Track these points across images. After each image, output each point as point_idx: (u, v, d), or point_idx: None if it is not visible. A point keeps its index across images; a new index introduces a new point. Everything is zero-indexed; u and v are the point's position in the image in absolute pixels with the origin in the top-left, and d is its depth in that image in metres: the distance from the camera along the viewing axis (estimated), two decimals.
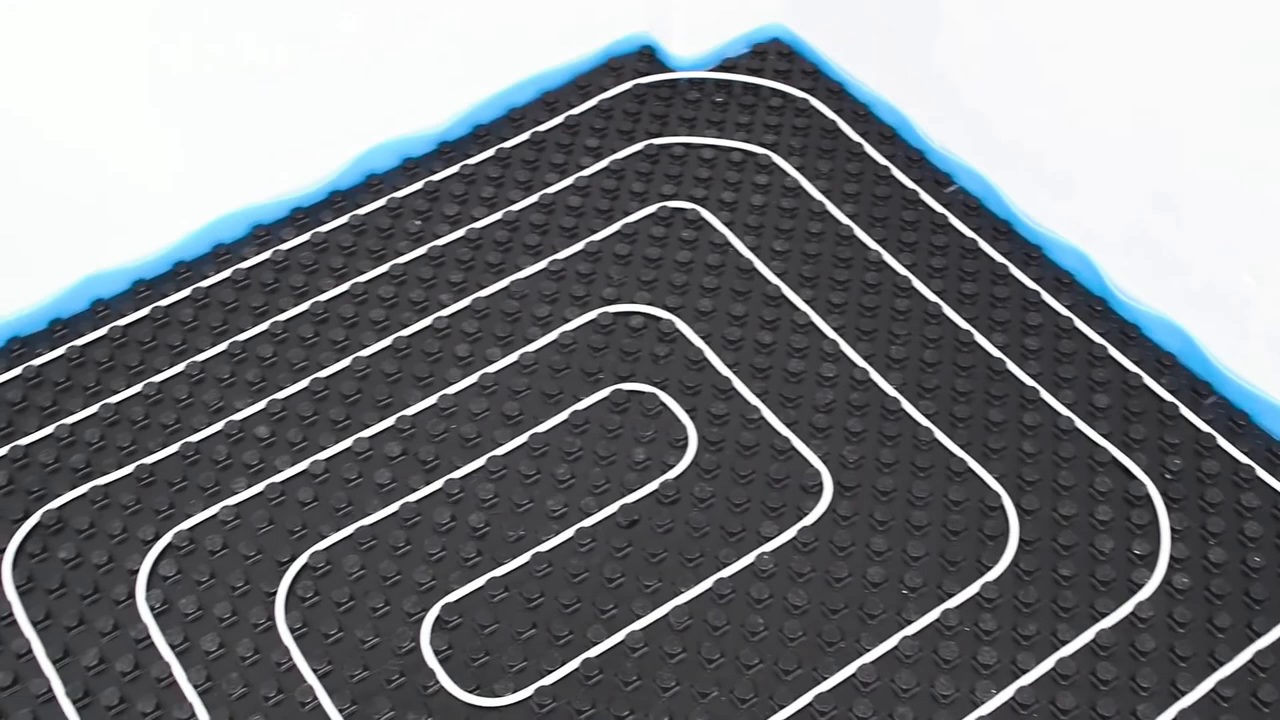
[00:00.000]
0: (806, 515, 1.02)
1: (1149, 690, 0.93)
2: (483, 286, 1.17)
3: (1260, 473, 1.03)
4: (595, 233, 1.20)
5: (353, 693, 0.94)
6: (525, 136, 1.28)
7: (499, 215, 1.22)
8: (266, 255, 1.19)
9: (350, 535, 1.01)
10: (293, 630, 0.97)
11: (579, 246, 1.19)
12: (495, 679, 0.94)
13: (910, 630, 0.96)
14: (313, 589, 0.99)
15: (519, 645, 0.96)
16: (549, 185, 1.24)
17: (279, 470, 1.05)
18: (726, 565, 0.99)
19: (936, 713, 0.92)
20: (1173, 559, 0.99)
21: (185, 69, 1.12)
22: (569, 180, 1.24)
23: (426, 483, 1.04)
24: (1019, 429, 1.06)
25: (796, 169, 1.25)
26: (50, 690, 0.94)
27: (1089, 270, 1.15)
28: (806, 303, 1.14)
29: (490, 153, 1.27)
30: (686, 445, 1.06)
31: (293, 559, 1.00)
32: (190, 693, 0.94)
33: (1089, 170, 1.13)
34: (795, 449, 1.05)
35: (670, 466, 1.05)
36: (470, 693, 0.94)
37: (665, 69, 1.34)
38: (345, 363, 1.12)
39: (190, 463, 1.06)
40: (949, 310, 1.14)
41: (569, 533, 1.01)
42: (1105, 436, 1.05)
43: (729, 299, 1.15)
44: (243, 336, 1.13)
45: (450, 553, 1.00)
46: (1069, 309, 1.13)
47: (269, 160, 1.20)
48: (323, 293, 1.16)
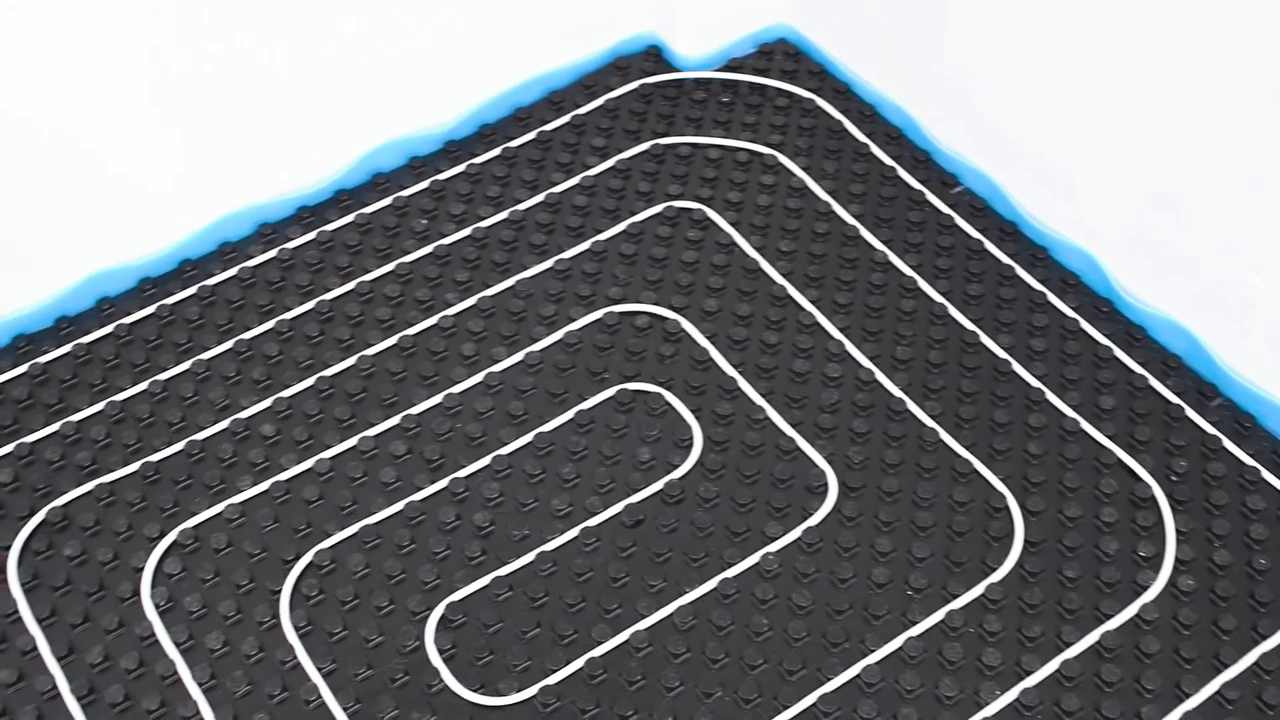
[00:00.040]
0: (811, 516, 1.02)
1: (1154, 692, 0.93)
2: (488, 286, 1.17)
3: (1266, 475, 1.03)
4: (601, 232, 1.20)
5: (357, 691, 0.94)
6: (531, 136, 1.28)
7: (505, 214, 1.22)
8: (272, 254, 1.19)
9: (355, 534, 1.01)
10: (297, 628, 0.97)
11: (585, 246, 1.19)
12: (499, 678, 0.94)
13: (915, 631, 0.96)
14: (317, 587, 0.99)
15: (523, 644, 0.96)
16: (555, 185, 1.24)
17: (284, 468, 1.05)
18: (731, 565, 0.99)
19: (941, 714, 0.92)
20: (1178, 561, 0.99)
21: (191, 67, 1.12)
22: (575, 180, 1.24)
23: (431, 481, 1.04)
24: (1024, 430, 1.06)
25: (802, 169, 1.24)
26: (55, 687, 0.94)
27: (1095, 271, 1.15)
28: (812, 303, 1.14)
29: (496, 152, 1.27)
30: (692, 445, 1.06)
31: (297, 557, 1.00)
32: (195, 690, 0.94)
33: (1095, 171, 1.13)
34: (800, 449, 1.05)
35: (675, 466, 1.05)
36: (474, 692, 0.94)
37: (671, 69, 1.34)
38: (351, 361, 1.12)
39: (196, 460, 1.06)
40: (955, 311, 1.14)
41: (574, 532, 1.01)
42: (1111, 438, 1.05)
43: (735, 299, 1.15)
44: (249, 335, 1.13)
45: (455, 551, 1.00)
46: (1075, 310, 1.13)
47: (275, 159, 1.20)
48: (328, 291, 1.16)
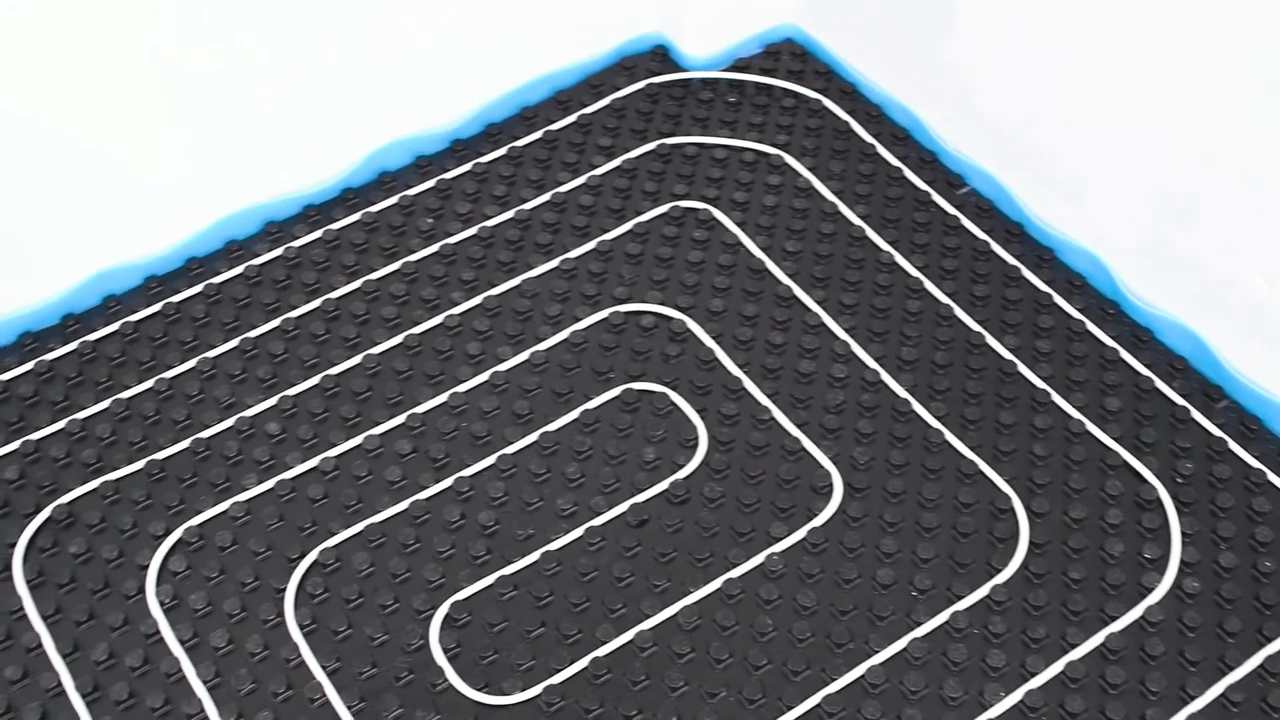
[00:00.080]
0: (816, 516, 1.02)
1: (1158, 694, 0.93)
2: (494, 285, 1.17)
3: (1272, 477, 1.03)
4: (607, 232, 1.20)
5: (361, 690, 0.94)
6: (538, 135, 1.28)
7: (511, 214, 1.22)
8: (279, 252, 1.19)
9: (360, 532, 1.01)
10: (302, 627, 0.97)
11: (591, 245, 1.19)
12: (504, 677, 0.94)
13: (919, 632, 0.96)
14: (322, 586, 0.99)
15: (528, 644, 0.96)
16: (561, 184, 1.24)
17: (289, 467, 1.05)
18: (736, 565, 0.99)
19: (945, 715, 0.92)
20: (1183, 563, 0.98)
21: (198, 65, 1.12)
22: (581, 179, 1.24)
23: (436, 480, 1.04)
24: (1030, 432, 1.06)
25: (809, 169, 1.24)
26: (60, 684, 0.94)
27: (1101, 273, 1.15)
28: (818, 303, 1.14)
29: (503, 151, 1.27)
30: (697, 445, 1.06)
31: (302, 555, 1.00)
32: (199, 688, 0.94)
33: (1102, 173, 1.13)
34: (806, 450, 1.05)
35: (680, 466, 1.05)
36: (479, 691, 0.94)
37: (678, 69, 1.34)
38: (356, 360, 1.12)
39: (201, 458, 1.06)
40: (960, 312, 1.13)
41: (578, 531, 1.01)
42: (1116, 440, 1.05)
43: (740, 299, 1.15)
44: (254, 333, 1.13)
45: (460, 551, 1.00)
46: (1081, 312, 1.13)
47: (281, 157, 1.20)
48: (334, 290, 1.16)
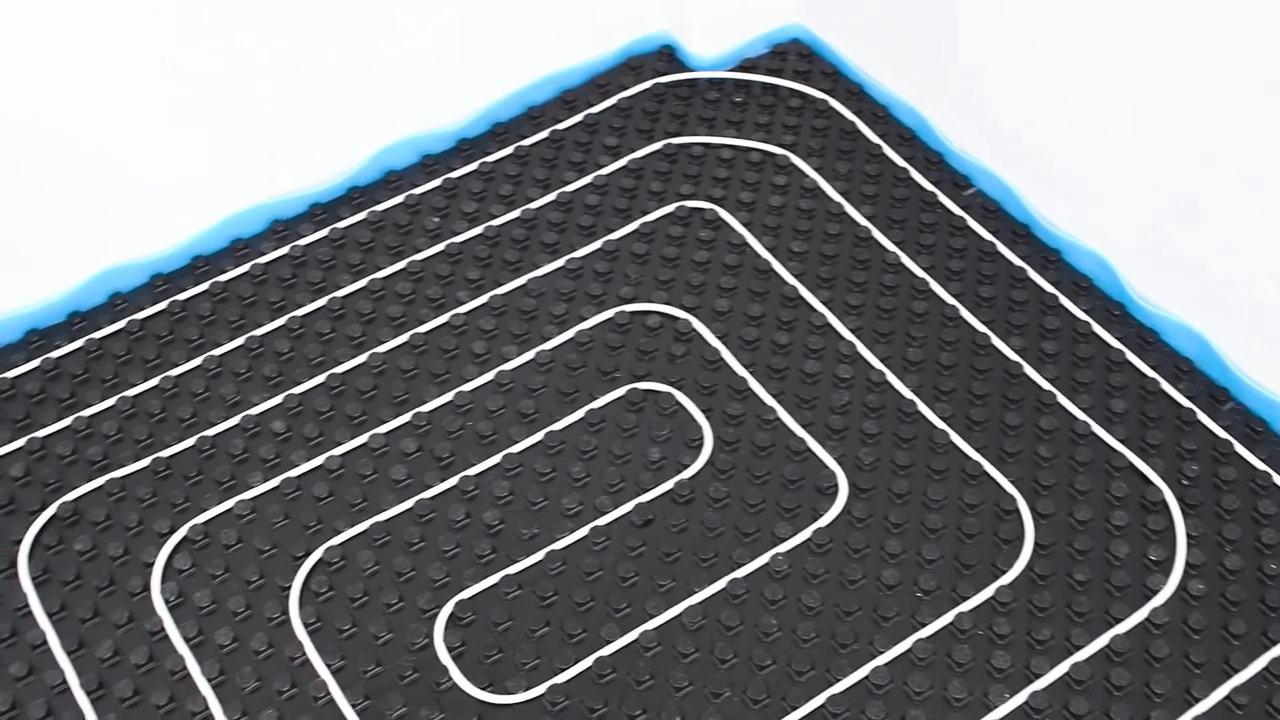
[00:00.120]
0: (821, 516, 1.02)
1: (1163, 696, 0.92)
2: (500, 284, 1.17)
3: (1277, 480, 1.02)
4: (613, 232, 1.20)
5: (365, 688, 0.94)
6: (544, 135, 1.28)
7: (517, 213, 1.22)
8: (285, 250, 1.19)
9: (365, 531, 1.01)
10: (306, 625, 0.97)
11: (597, 245, 1.19)
12: (508, 676, 0.94)
13: (924, 633, 0.96)
14: (327, 584, 0.99)
15: (532, 643, 0.96)
16: (567, 184, 1.24)
17: (295, 465, 1.05)
18: (741, 566, 0.99)
19: (949, 716, 0.92)
20: (1188, 565, 0.98)
21: (205, 64, 1.12)
22: (587, 179, 1.24)
23: (442, 479, 1.04)
24: (1035, 433, 1.06)
25: (815, 170, 1.24)
26: (65, 682, 0.94)
27: (1107, 274, 1.15)
28: (824, 304, 1.14)
29: (509, 151, 1.27)
30: (702, 445, 1.06)
31: (307, 554, 1.00)
32: (204, 686, 0.94)
33: (1108, 174, 1.13)
34: (811, 450, 1.05)
35: (685, 466, 1.05)
36: (483, 690, 0.94)
37: (685, 69, 1.34)
38: (362, 359, 1.12)
39: (206, 457, 1.06)
40: (966, 313, 1.13)
41: (583, 531, 1.01)
42: (1122, 441, 1.05)
43: (746, 299, 1.15)
44: (260, 331, 1.13)
45: (464, 549, 1.00)
46: (1087, 313, 1.13)
47: (288, 156, 1.20)
48: (340, 289, 1.16)
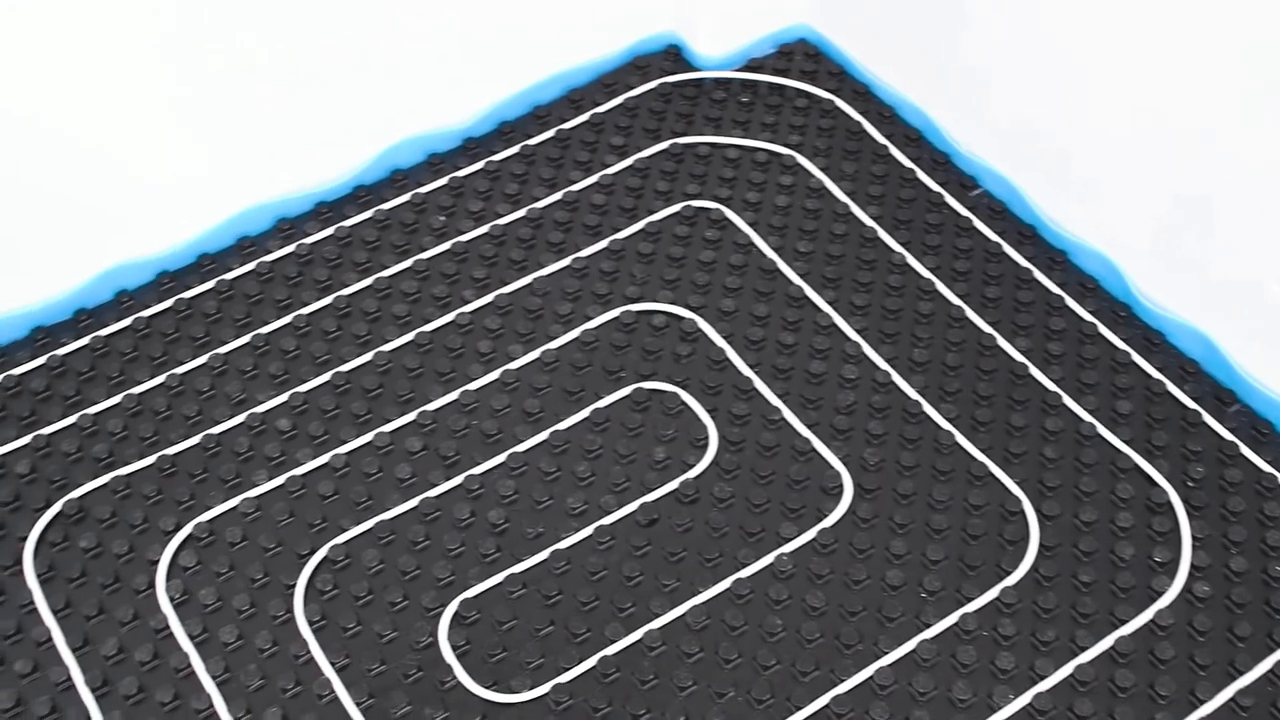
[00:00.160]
0: (826, 517, 1.02)
1: (1168, 698, 0.92)
2: (506, 283, 1.17)
3: None
4: (619, 231, 1.20)
5: (370, 686, 0.94)
6: (550, 134, 1.28)
7: (523, 212, 1.22)
8: (290, 249, 1.19)
9: (370, 529, 1.02)
10: (311, 623, 0.97)
11: (603, 244, 1.19)
12: (512, 675, 0.94)
13: (929, 634, 0.96)
14: (332, 582, 0.99)
15: (536, 642, 0.96)
16: (573, 183, 1.24)
17: (300, 463, 1.05)
18: (745, 566, 0.99)
19: (954, 717, 0.92)
20: (1193, 567, 0.98)
21: (210, 62, 1.12)
22: (593, 178, 1.24)
23: (447, 478, 1.04)
24: (1041, 434, 1.06)
25: (821, 170, 1.24)
26: (69, 678, 0.94)
27: (1113, 276, 1.15)
28: (829, 304, 1.14)
29: (515, 149, 1.27)
30: (707, 445, 1.06)
31: (312, 552, 1.00)
32: (208, 683, 0.94)
33: (1114, 175, 1.12)
34: (816, 450, 1.05)
35: (690, 466, 1.05)
36: (487, 689, 0.94)
37: (691, 68, 1.34)
38: (368, 357, 1.12)
39: (212, 454, 1.06)
40: (972, 314, 1.13)
41: (588, 530, 1.01)
42: (1127, 443, 1.05)
43: (752, 299, 1.15)
44: (266, 329, 1.14)
45: (469, 549, 1.01)
46: (1093, 314, 1.13)
47: (294, 154, 1.20)
48: (346, 287, 1.17)
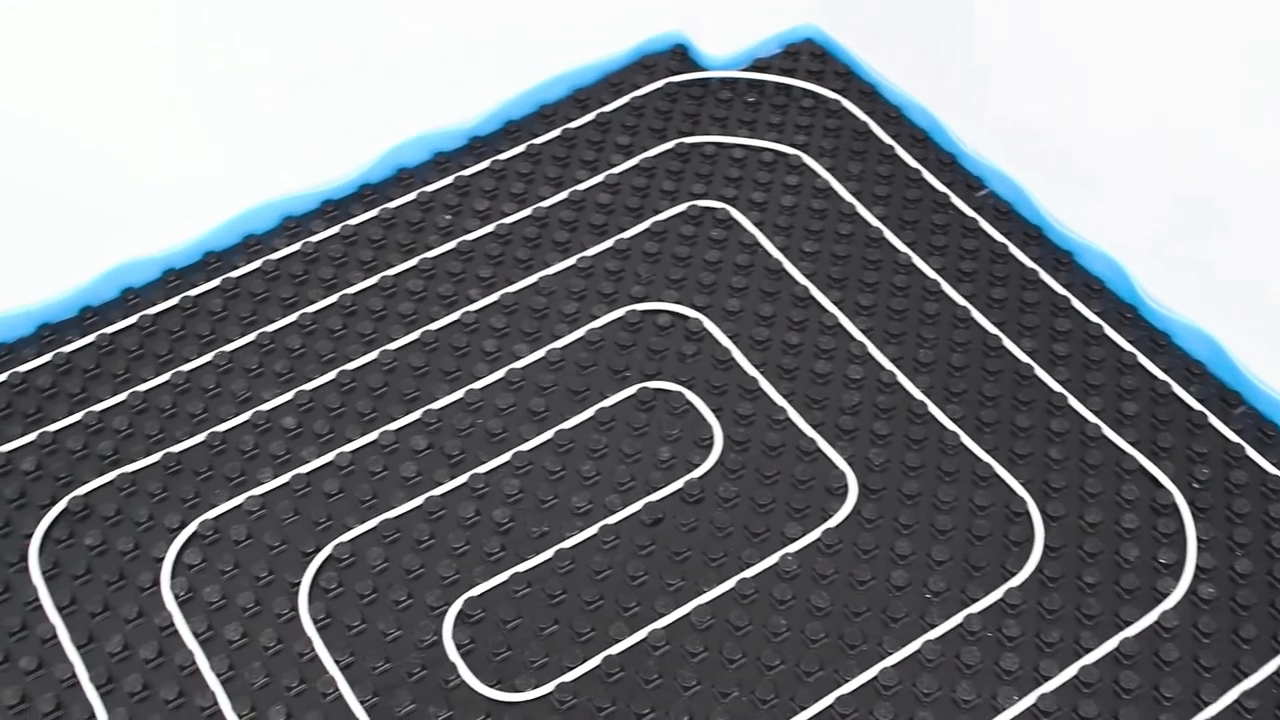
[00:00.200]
0: (831, 517, 1.02)
1: (1172, 700, 0.92)
2: (511, 282, 1.17)
3: None
4: (625, 230, 1.20)
5: (374, 685, 0.94)
6: (556, 133, 1.28)
7: (529, 211, 1.22)
8: (296, 247, 1.19)
9: (374, 528, 1.02)
10: (315, 621, 0.97)
11: (608, 244, 1.19)
12: (516, 674, 0.94)
13: (933, 634, 0.96)
14: (336, 580, 0.99)
15: (541, 641, 0.96)
16: (579, 182, 1.24)
17: (305, 461, 1.05)
18: (750, 565, 0.99)
19: (958, 717, 0.92)
20: (1198, 568, 0.98)
21: (217, 61, 1.13)
22: (599, 177, 1.24)
23: (451, 477, 1.04)
24: (1046, 435, 1.06)
25: (827, 170, 1.24)
26: (74, 675, 0.94)
27: (1119, 277, 1.15)
28: (835, 304, 1.14)
29: (521, 149, 1.27)
30: (712, 444, 1.06)
31: (317, 550, 1.00)
32: (213, 681, 0.94)
33: (1121, 176, 1.12)
34: (821, 450, 1.05)
35: (695, 465, 1.05)
36: (491, 687, 0.94)
37: (697, 68, 1.34)
38: (373, 355, 1.12)
39: (217, 452, 1.06)
40: (978, 314, 1.13)
41: (593, 529, 1.01)
42: (1133, 444, 1.05)
43: (757, 299, 1.15)
44: (271, 327, 1.14)
45: (474, 547, 1.01)
46: (1099, 315, 1.13)
47: (300, 152, 1.20)
48: (351, 285, 1.17)
